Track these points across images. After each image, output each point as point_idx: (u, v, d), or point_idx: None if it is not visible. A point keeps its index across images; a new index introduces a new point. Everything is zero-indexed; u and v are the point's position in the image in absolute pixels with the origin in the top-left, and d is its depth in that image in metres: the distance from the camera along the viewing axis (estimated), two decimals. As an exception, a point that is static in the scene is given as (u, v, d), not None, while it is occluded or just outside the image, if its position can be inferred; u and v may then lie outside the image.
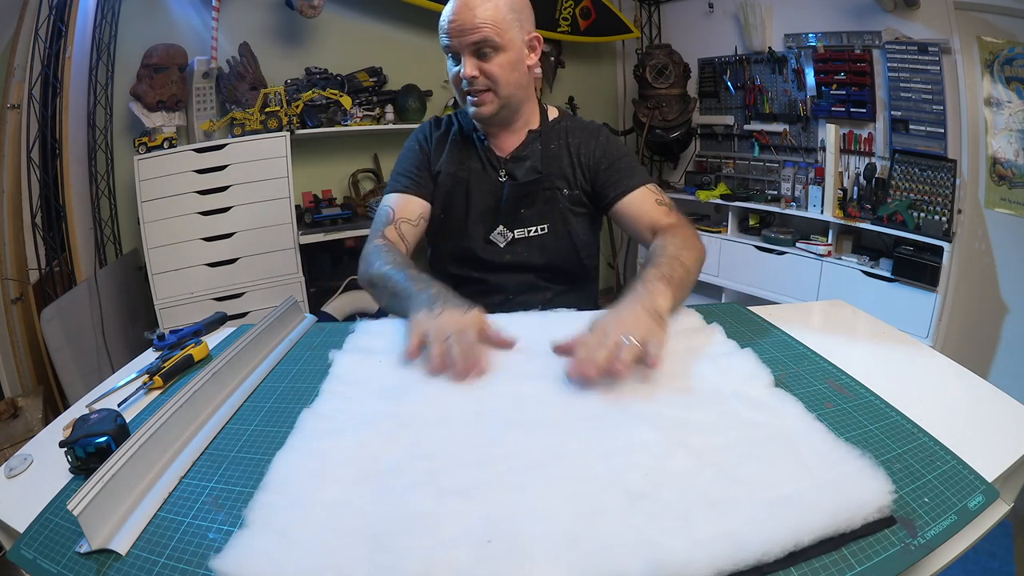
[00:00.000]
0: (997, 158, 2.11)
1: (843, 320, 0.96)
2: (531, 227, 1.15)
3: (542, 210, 1.14)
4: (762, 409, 0.61)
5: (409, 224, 1.11)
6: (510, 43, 1.04)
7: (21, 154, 1.88)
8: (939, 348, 1.85)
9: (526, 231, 1.14)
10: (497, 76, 1.04)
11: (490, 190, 1.14)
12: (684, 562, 0.41)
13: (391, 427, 0.60)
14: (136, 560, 0.46)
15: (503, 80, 1.05)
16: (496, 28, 1.02)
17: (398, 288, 0.89)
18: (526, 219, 1.14)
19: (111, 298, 2.15)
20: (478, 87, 1.04)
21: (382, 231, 1.07)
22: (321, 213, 2.51)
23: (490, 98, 1.06)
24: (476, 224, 1.15)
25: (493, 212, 1.14)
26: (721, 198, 2.93)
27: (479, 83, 1.04)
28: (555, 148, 1.14)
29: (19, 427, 1.64)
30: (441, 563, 0.42)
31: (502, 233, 1.14)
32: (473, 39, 1.01)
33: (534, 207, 1.14)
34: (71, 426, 0.60)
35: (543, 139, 1.15)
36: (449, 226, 1.17)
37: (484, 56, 1.03)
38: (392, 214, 1.10)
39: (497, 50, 1.03)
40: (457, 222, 1.16)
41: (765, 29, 2.78)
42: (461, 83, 1.05)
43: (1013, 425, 0.62)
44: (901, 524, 0.47)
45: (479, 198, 1.14)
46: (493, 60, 1.03)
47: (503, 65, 1.04)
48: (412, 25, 2.78)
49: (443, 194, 1.15)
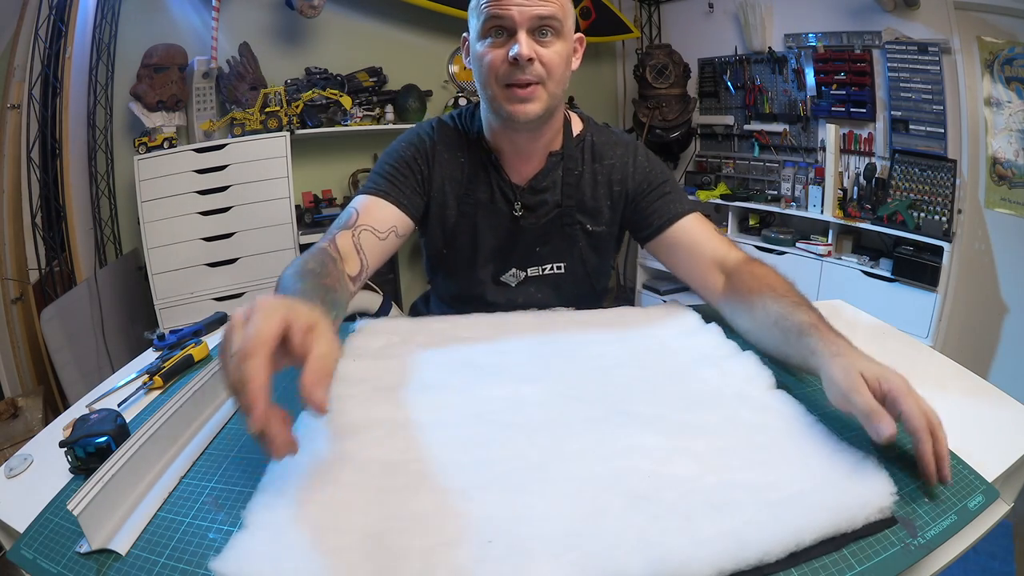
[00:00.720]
0: (997, 158, 2.11)
1: (843, 320, 0.96)
2: (546, 264, 1.00)
3: (559, 248, 0.99)
4: (763, 410, 0.61)
5: (373, 235, 0.86)
6: (568, 33, 0.87)
7: (21, 154, 1.88)
8: (939, 348, 1.86)
9: (540, 269, 1.00)
10: (554, 65, 0.85)
11: (503, 226, 0.97)
12: (685, 561, 0.41)
13: (391, 428, 0.60)
14: (136, 560, 0.46)
15: (558, 73, 0.86)
16: (563, 9, 0.85)
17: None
18: (541, 257, 0.99)
19: (111, 298, 2.15)
20: (531, 76, 0.84)
21: (334, 236, 0.84)
22: (321, 213, 2.52)
23: (540, 93, 0.85)
24: (485, 265, 0.99)
25: (505, 252, 0.98)
26: (721, 198, 2.93)
27: (534, 70, 0.84)
28: (580, 174, 0.97)
29: (19, 427, 1.64)
30: (441, 563, 0.42)
31: (514, 274, 1.00)
32: (540, 12, 0.82)
33: (551, 244, 0.98)
34: (71, 426, 0.60)
35: (565, 163, 0.96)
36: (454, 264, 1.01)
37: (543, 38, 0.84)
38: (354, 217, 0.87)
39: (558, 35, 0.85)
40: (463, 261, 1.00)
41: (765, 29, 2.77)
42: (502, 69, 0.84)
43: (1013, 425, 0.62)
44: (901, 524, 0.47)
45: (489, 235, 0.97)
46: (552, 46, 0.84)
47: (561, 54, 0.86)
48: (412, 25, 2.78)
49: (447, 227, 0.98)
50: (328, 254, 0.78)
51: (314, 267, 0.72)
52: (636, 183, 0.96)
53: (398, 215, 0.90)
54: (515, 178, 0.96)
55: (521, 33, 0.82)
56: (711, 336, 0.79)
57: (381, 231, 0.88)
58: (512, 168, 0.96)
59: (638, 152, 0.98)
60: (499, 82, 0.85)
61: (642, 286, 3.30)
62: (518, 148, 0.94)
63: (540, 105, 0.86)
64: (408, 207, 0.92)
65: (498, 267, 1.00)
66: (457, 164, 0.96)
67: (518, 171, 0.96)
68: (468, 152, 0.96)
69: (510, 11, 0.81)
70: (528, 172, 0.96)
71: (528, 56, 0.82)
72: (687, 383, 0.67)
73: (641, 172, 0.96)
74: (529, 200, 0.96)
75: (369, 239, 0.86)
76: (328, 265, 0.75)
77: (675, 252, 0.93)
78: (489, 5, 0.83)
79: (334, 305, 0.67)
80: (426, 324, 0.87)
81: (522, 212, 0.96)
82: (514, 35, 0.82)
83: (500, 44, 0.84)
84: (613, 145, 0.98)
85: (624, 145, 0.98)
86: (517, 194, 0.96)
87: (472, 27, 0.88)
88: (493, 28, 0.83)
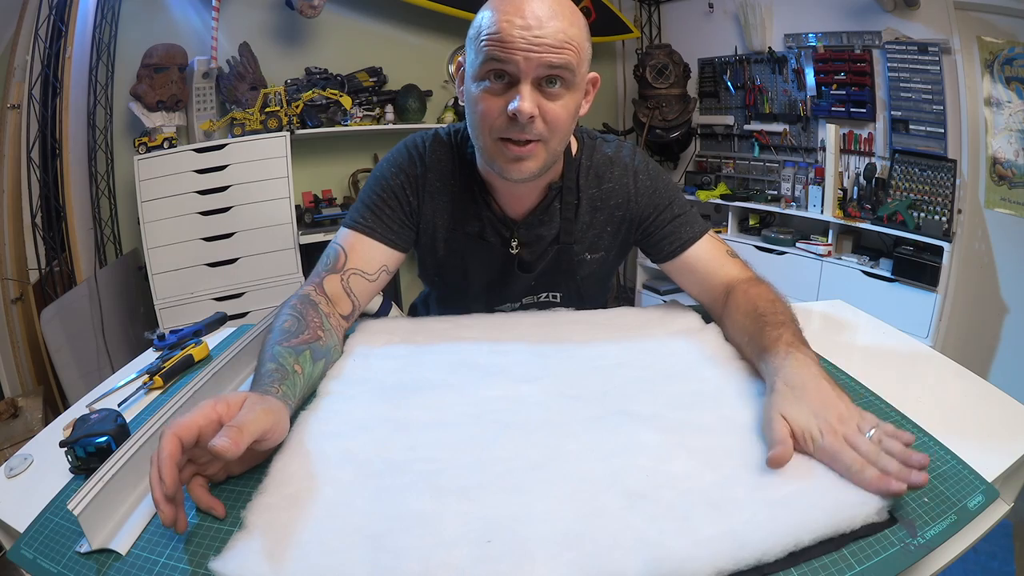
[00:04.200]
0: (997, 158, 2.11)
1: (843, 320, 0.96)
2: (542, 294, 0.96)
3: (556, 280, 0.95)
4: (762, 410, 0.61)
5: (363, 278, 0.83)
6: (580, 81, 0.75)
7: (21, 154, 1.88)
8: (939, 348, 1.86)
9: (535, 298, 0.97)
10: (559, 123, 0.74)
11: (496, 263, 0.91)
12: (683, 561, 0.42)
13: (390, 428, 0.60)
14: (136, 560, 0.46)
15: (563, 131, 0.76)
16: (579, 54, 0.72)
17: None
18: (536, 288, 0.96)
19: (111, 298, 2.15)
20: (530, 134, 0.73)
21: (322, 278, 0.81)
22: (321, 213, 2.52)
23: (539, 151, 0.75)
24: (478, 298, 0.95)
25: (498, 287, 0.94)
26: (721, 198, 2.93)
27: (535, 128, 0.73)
28: (578, 204, 0.89)
29: (19, 427, 1.64)
30: (441, 563, 0.42)
31: (508, 306, 0.97)
32: (551, 60, 0.70)
33: (547, 277, 0.94)
34: (71, 426, 0.60)
35: (564, 195, 0.88)
36: (446, 291, 1.00)
37: (551, 89, 0.72)
38: (342, 259, 0.82)
39: (569, 87, 0.73)
40: (455, 292, 0.97)
41: (765, 29, 2.77)
42: (498, 122, 0.73)
43: (1013, 425, 0.62)
44: (901, 524, 0.47)
45: (481, 271, 0.92)
46: (559, 100, 0.73)
47: (569, 109, 0.74)
48: (412, 25, 2.78)
49: (437, 258, 0.93)
50: (310, 302, 0.75)
51: (290, 326, 0.69)
52: (640, 208, 0.89)
53: (387, 253, 0.86)
54: (510, 211, 0.89)
55: (524, 85, 0.70)
56: (711, 336, 0.79)
57: (371, 273, 0.84)
58: (506, 202, 0.88)
59: (638, 173, 0.89)
60: (492, 135, 0.75)
61: (642, 286, 3.30)
62: (512, 188, 0.86)
63: (537, 164, 0.76)
64: (396, 242, 0.87)
65: (491, 300, 0.96)
66: (447, 193, 0.88)
67: (512, 205, 0.88)
68: (459, 179, 0.88)
69: (515, 57, 0.69)
70: (524, 206, 0.88)
71: (530, 114, 0.71)
72: (687, 383, 0.67)
73: (644, 196, 0.89)
74: (525, 236, 0.90)
75: (359, 283, 0.83)
76: (308, 316, 0.72)
77: (689, 276, 0.89)
78: (490, 44, 0.70)
79: (315, 356, 0.68)
80: (426, 324, 0.87)
81: (518, 249, 0.90)
82: (516, 84, 0.71)
83: (498, 92, 0.72)
84: (610, 165, 0.90)
85: (622, 165, 0.90)
86: (513, 230, 0.89)
87: (469, 60, 0.76)
88: (492, 71, 0.72)
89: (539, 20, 0.69)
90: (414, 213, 0.89)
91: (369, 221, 0.85)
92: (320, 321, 0.73)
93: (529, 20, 0.69)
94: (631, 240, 0.94)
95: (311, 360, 0.66)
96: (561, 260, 0.92)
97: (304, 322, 0.70)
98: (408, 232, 0.89)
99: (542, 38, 0.69)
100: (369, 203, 0.87)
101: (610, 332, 0.82)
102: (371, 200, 0.87)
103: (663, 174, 0.93)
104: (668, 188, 0.91)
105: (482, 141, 0.77)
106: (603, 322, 0.86)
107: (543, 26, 0.69)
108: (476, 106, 0.75)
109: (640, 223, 0.91)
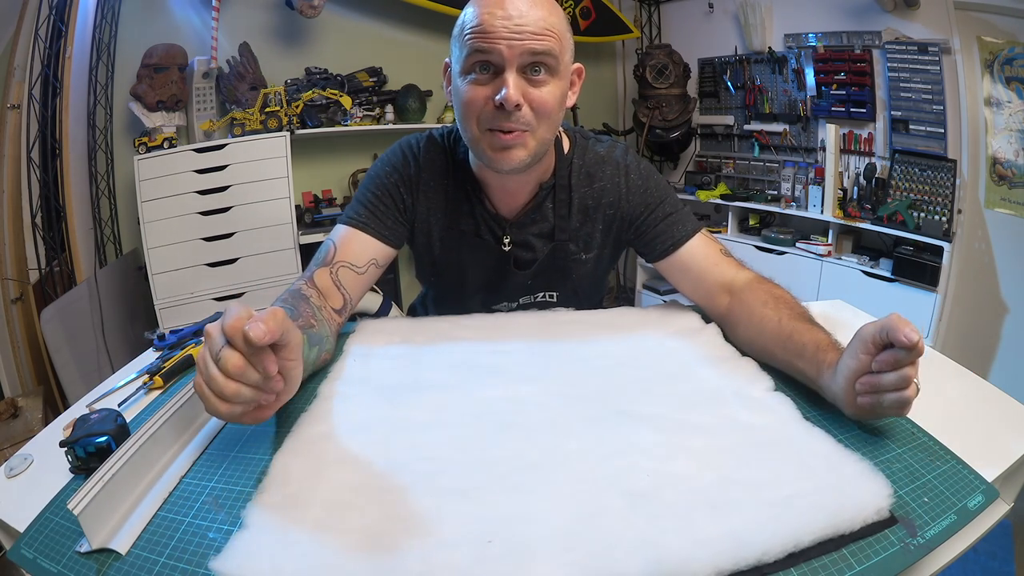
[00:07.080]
0: (997, 158, 2.11)
1: (843, 321, 0.96)
2: (538, 293, 0.97)
3: (552, 279, 0.95)
4: (762, 411, 0.61)
5: (351, 271, 0.83)
6: (564, 69, 0.78)
7: (21, 154, 1.88)
8: (939, 348, 1.85)
9: (532, 298, 0.97)
10: (546, 109, 0.76)
11: (491, 262, 0.93)
12: (684, 561, 0.41)
13: (390, 428, 0.60)
14: (136, 560, 0.46)
15: (550, 117, 0.77)
16: (560, 42, 0.75)
17: None
18: (532, 288, 0.97)
19: (111, 298, 2.16)
20: (517, 123, 0.75)
21: (312, 273, 0.82)
22: (321, 213, 2.52)
23: (527, 140, 0.77)
24: (474, 296, 0.97)
25: (494, 286, 0.95)
26: (721, 198, 2.93)
27: (522, 117, 0.75)
28: (570, 202, 0.91)
29: (19, 427, 1.64)
30: (441, 563, 0.42)
31: (506, 305, 0.98)
32: (533, 47, 0.72)
33: (543, 276, 0.95)
34: (71, 426, 0.60)
35: (556, 193, 0.90)
36: (443, 290, 1.01)
37: (536, 76, 0.75)
38: (332, 253, 0.84)
39: (553, 74, 0.75)
40: (452, 291, 0.98)
41: (765, 29, 2.78)
42: (485, 112, 0.76)
43: (1013, 425, 0.62)
44: (901, 524, 0.47)
45: (478, 270, 0.94)
46: (545, 87, 0.75)
47: (555, 96, 0.76)
48: (412, 25, 2.78)
49: (433, 257, 0.94)
50: (301, 295, 0.76)
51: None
52: (632, 206, 0.90)
53: (377, 247, 0.87)
54: (503, 210, 0.90)
55: (509, 73, 0.73)
56: (711, 336, 0.79)
57: (359, 266, 0.85)
58: (499, 200, 0.90)
59: (629, 171, 0.90)
60: (480, 126, 0.77)
61: (642, 286, 3.30)
62: (504, 183, 0.88)
63: (526, 152, 0.78)
64: (389, 237, 0.88)
65: (488, 299, 0.97)
66: (441, 192, 0.90)
67: (506, 203, 0.90)
68: (453, 178, 0.90)
69: (497, 46, 0.72)
70: (516, 205, 0.90)
71: (516, 102, 0.73)
72: (687, 383, 0.67)
73: (636, 194, 0.90)
74: (518, 236, 0.91)
75: (348, 275, 0.83)
76: (300, 307, 0.72)
77: (682, 275, 0.89)
78: (473, 37, 0.73)
79: (311, 341, 0.67)
80: (426, 324, 0.87)
81: (511, 248, 0.91)
82: (501, 73, 0.73)
83: (484, 82, 0.75)
84: (602, 163, 0.91)
85: (614, 164, 0.91)
86: (505, 228, 0.90)
87: (454, 57, 0.79)
88: (478, 63, 0.74)
89: (520, 10, 0.72)
90: (408, 211, 0.90)
91: (363, 217, 0.87)
92: (312, 312, 0.73)
93: (510, 11, 0.72)
94: (624, 239, 0.95)
95: (307, 344, 0.66)
96: (556, 258, 0.93)
97: (296, 311, 0.70)
98: (401, 229, 0.90)
99: (524, 26, 0.72)
100: (363, 200, 0.89)
101: (610, 332, 0.82)
102: (365, 198, 0.89)
103: (655, 173, 0.93)
104: (660, 187, 0.92)
105: (470, 133, 0.79)
106: (603, 322, 0.86)
107: (524, 15, 0.72)
108: (464, 98, 0.77)
109: (632, 222, 0.91)
